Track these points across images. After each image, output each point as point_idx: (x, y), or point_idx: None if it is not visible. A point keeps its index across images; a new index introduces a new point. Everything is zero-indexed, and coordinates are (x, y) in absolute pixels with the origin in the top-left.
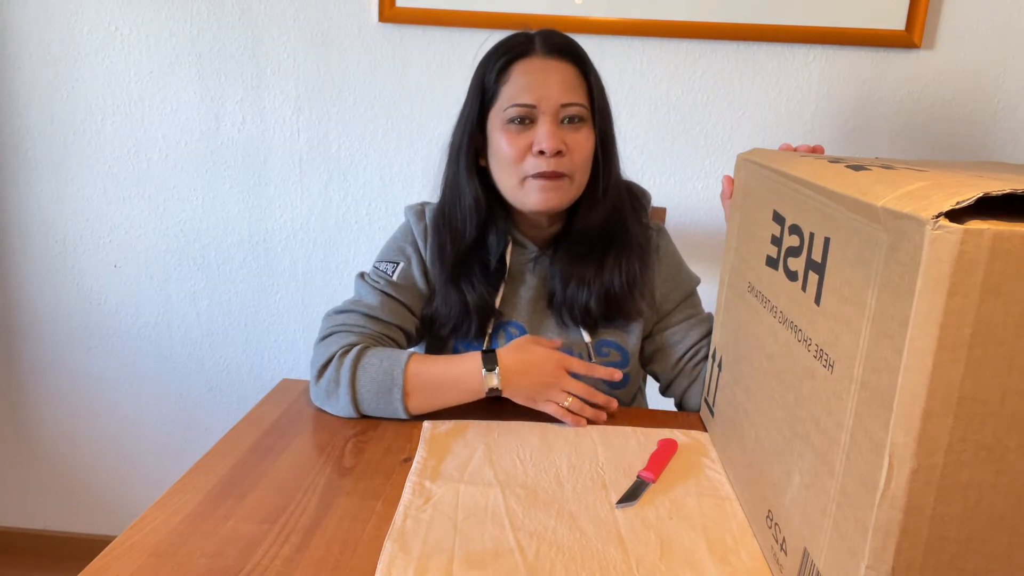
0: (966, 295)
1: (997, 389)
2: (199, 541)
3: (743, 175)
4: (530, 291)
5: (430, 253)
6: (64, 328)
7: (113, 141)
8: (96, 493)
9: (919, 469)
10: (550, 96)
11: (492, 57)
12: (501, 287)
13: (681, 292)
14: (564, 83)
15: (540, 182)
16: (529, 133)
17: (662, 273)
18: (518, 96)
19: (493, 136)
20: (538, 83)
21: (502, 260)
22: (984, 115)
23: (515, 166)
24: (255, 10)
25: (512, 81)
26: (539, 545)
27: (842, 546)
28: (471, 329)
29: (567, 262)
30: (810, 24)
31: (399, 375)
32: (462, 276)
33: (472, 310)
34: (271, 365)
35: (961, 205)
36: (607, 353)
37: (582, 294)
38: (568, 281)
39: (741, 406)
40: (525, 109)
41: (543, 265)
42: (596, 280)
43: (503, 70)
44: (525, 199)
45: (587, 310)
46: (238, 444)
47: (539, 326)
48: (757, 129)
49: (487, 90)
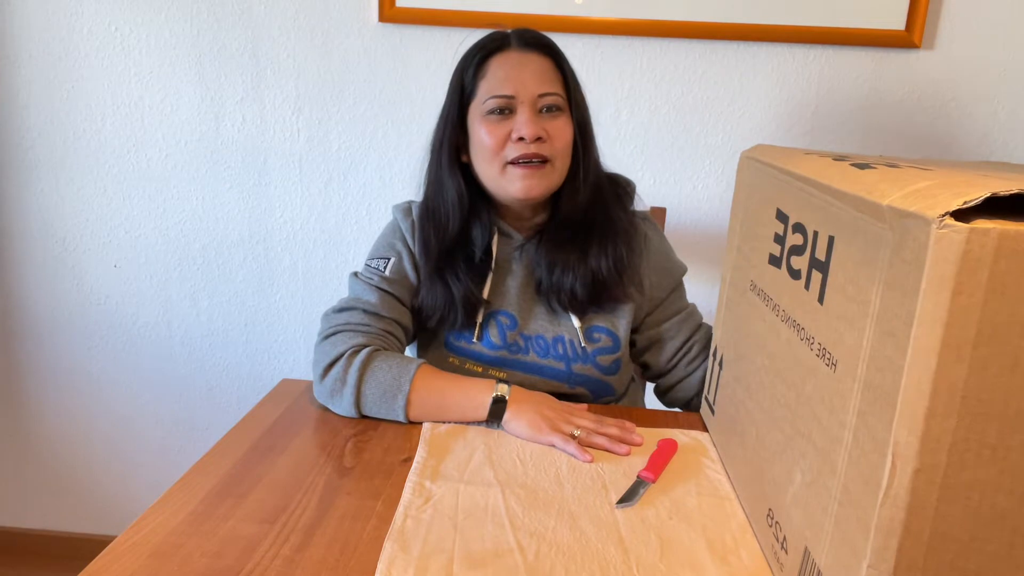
0: (971, 294)
1: (1001, 388)
2: (199, 541)
3: (746, 172)
4: (518, 280)
5: (417, 246)
6: (64, 328)
7: (113, 141)
8: (96, 493)
9: (922, 468)
10: (527, 86)
11: (469, 55)
12: (488, 278)
13: (671, 280)
14: (540, 74)
15: (522, 170)
16: (509, 123)
17: (651, 261)
18: (496, 88)
19: (474, 129)
20: (515, 75)
21: (488, 251)
22: (984, 115)
23: (496, 154)
24: (255, 10)
25: (490, 75)
26: (539, 545)
27: (844, 545)
28: (457, 319)
29: (551, 248)
30: (810, 24)
31: (406, 383)
32: (447, 268)
33: (457, 301)
34: (271, 365)
35: (969, 205)
36: (598, 339)
37: (567, 279)
38: (553, 267)
39: (742, 404)
40: (504, 100)
41: (529, 253)
42: (581, 264)
43: (480, 65)
44: (508, 187)
45: (573, 294)
46: (238, 444)
47: (529, 314)
48: (757, 129)
49: (465, 87)
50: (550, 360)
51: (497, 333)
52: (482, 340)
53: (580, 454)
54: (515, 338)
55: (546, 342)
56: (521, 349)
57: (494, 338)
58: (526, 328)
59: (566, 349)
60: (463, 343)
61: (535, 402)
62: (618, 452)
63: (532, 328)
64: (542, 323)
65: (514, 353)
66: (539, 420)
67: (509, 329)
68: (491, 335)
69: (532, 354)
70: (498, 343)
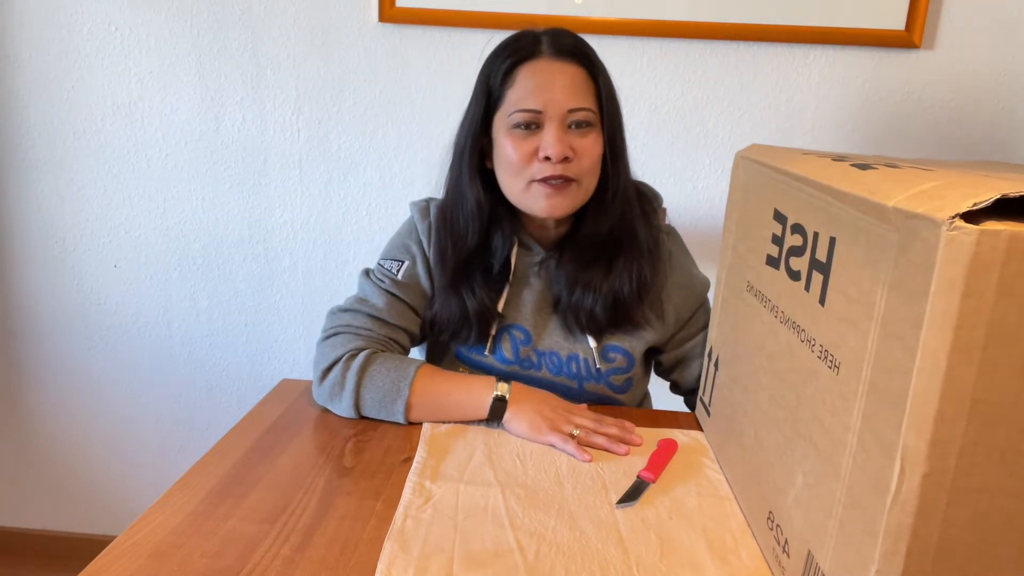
0: (981, 296)
1: (1011, 391)
2: (199, 541)
3: (742, 172)
4: (535, 294)
5: (433, 256)
6: (64, 328)
7: (113, 141)
8: (96, 493)
9: (931, 473)
10: (556, 101)
11: (498, 58)
12: (505, 290)
13: (695, 299)
14: (572, 87)
15: (546, 189)
16: (535, 138)
17: (675, 280)
18: (524, 101)
19: (499, 140)
20: (544, 87)
21: (507, 263)
22: (984, 115)
23: (521, 171)
24: (255, 10)
25: (518, 84)
26: (539, 545)
27: (849, 549)
28: (471, 335)
29: (573, 267)
30: (810, 24)
31: (405, 387)
32: (463, 282)
33: (472, 317)
34: (271, 365)
35: (979, 206)
36: (613, 359)
37: (588, 299)
38: (574, 286)
39: (740, 406)
40: (531, 115)
41: (549, 268)
42: (603, 285)
43: (509, 72)
44: (531, 204)
45: (592, 316)
46: (238, 444)
47: (543, 330)
48: (757, 129)
49: (492, 92)
50: (562, 378)
51: (510, 347)
52: (494, 354)
53: (579, 454)
54: (528, 353)
55: (560, 359)
56: (534, 365)
57: (507, 352)
58: (540, 344)
59: (579, 368)
60: (475, 355)
61: (536, 401)
62: (617, 452)
63: (546, 344)
64: (557, 339)
65: (526, 369)
66: (539, 420)
67: (523, 344)
68: (504, 349)
69: (544, 370)
70: (511, 358)
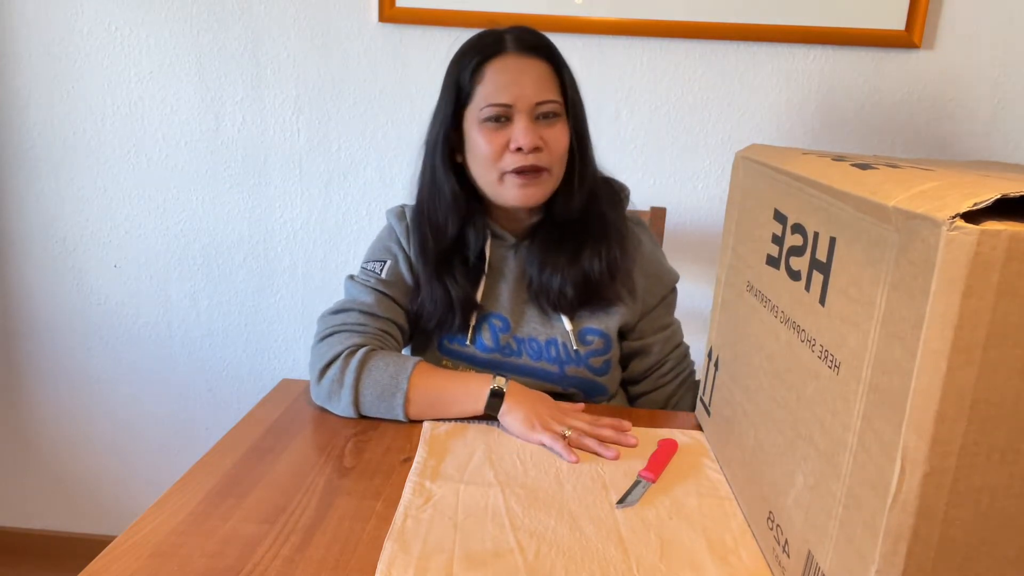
0: (981, 296)
1: (1011, 391)
2: (199, 541)
3: (741, 172)
4: (510, 283)
5: (413, 249)
6: (64, 328)
7: (113, 141)
8: (96, 493)
9: (932, 473)
10: (525, 95)
11: (465, 56)
12: (482, 280)
13: (663, 287)
14: (538, 81)
15: (519, 179)
16: (506, 131)
17: (643, 267)
18: (494, 96)
19: (470, 134)
20: (513, 82)
21: (481, 255)
22: (984, 115)
23: (494, 163)
24: (255, 10)
25: (487, 80)
26: (539, 545)
27: (849, 549)
28: (455, 323)
29: (543, 248)
30: (810, 24)
31: (404, 382)
32: (445, 271)
33: (456, 304)
34: (271, 365)
35: (979, 206)
36: (591, 341)
37: (556, 279)
38: (544, 267)
39: (740, 406)
40: (501, 108)
41: (522, 254)
42: (573, 264)
43: (477, 69)
44: (505, 195)
45: (563, 294)
46: (238, 444)
47: (521, 316)
48: (757, 129)
49: (462, 89)
50: (543, 363)
51: (490, 336)
52: (475, 343)
53: (566, 454)
54: (508, 340)
55: (539, 344)
56: (514, 352)
57: (487, 341)
58: (519, 331)
59: (559, 352)
60: (456, 346)
61: (532, 399)
62: (606, 456)
63: (525, 331)
64: (535, 326)
65: (507, 356)
66: (532, 417)
67: (502, 332)
68: (484, 338)
69: (525, 356)
70: (491, 346)
